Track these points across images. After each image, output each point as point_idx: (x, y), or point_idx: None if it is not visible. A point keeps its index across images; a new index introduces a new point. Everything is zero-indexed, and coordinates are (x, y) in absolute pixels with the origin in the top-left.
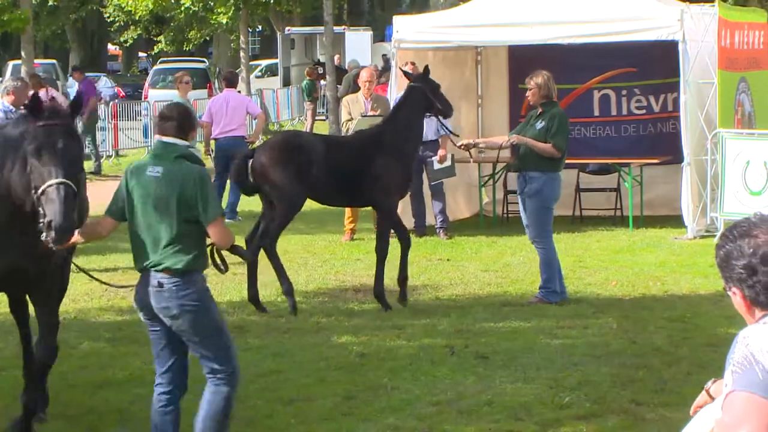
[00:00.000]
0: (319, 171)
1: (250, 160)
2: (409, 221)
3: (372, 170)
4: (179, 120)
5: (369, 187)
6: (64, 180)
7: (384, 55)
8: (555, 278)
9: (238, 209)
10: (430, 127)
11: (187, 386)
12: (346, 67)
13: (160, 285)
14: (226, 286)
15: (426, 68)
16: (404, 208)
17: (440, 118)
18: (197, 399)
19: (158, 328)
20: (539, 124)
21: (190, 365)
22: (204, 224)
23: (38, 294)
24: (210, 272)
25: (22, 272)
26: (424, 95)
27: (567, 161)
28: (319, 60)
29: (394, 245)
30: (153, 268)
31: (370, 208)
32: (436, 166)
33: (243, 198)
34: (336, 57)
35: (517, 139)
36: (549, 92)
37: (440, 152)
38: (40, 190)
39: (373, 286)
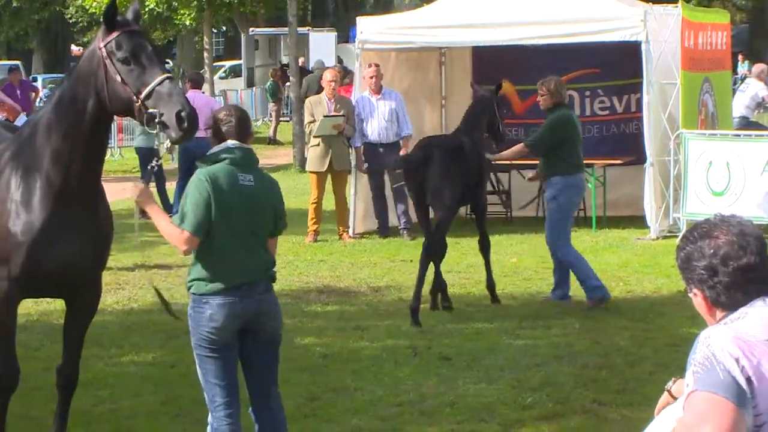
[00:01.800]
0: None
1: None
2: (372, 222)
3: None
4: (248, 124)
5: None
6: (169, 75)
7: (338, 57)
8: (589, 277)
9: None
10: (391, 129)
11: None
12: (311, 68)
13: (268, 290)
14: None
15: (499, 85)
16: (367, 210)
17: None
18: None
19: (232, 352)
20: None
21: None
22: (272, 235)
23: (84, 297)
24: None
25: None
26: (492, 107)
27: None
28: (281, 62)
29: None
30: (259, 280)
31: (333, 208)
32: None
33: None
34: (300, 58)
35: (492, 158)
36: (560, 98)
37: (402, 154)
38: (146, 91)
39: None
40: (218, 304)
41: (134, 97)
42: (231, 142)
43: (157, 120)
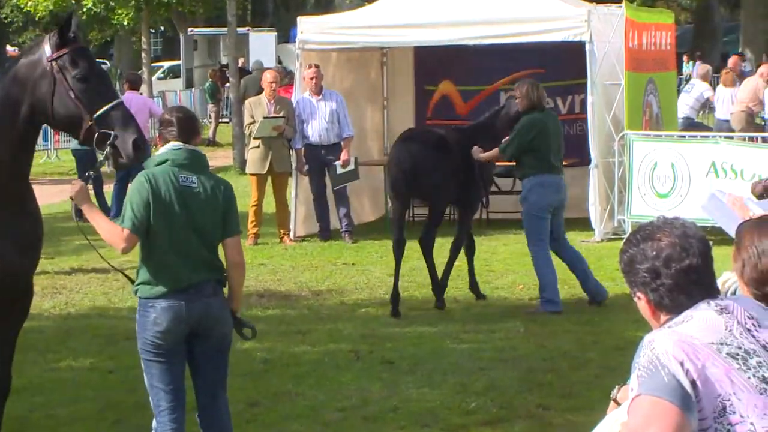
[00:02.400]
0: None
1: None
2: (313, 225)
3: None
4: (194, 124)
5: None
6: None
7: (278, 57)
8: (549, 287)
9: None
10: (332, 131)
11: None
12: (250, 69)
13: (215, 293)
14: (127, 291)
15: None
16: (308, 212)
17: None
18: None
19: (179, 356)
20: None
21: None
22: (225, 237)
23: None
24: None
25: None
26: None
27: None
28: (220, 63)
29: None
30: (205, 282)
31: (273, 211)
32: (339, 170)
33: None
34: (240, 59)
35: (475, 152)
36: (532, 101)
37: (343, 156)
38: (101, 112)
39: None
40: (163, 308)
41: (86, 116)
42: (175, 144)
43: (109, 141)
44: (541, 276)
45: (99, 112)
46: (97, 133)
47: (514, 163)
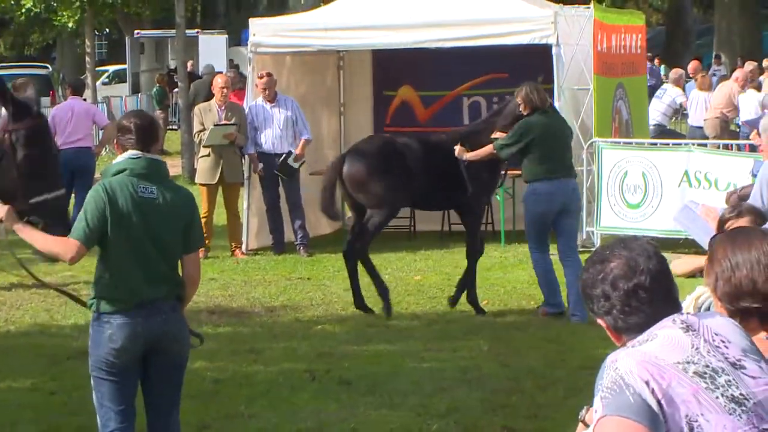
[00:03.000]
0: (418, 176)
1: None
2: (266, 238)
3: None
4: (153, 131)
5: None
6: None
7: (231, 60)
8: (552, 293)
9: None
10: (285, 138)
11: None
12: (200, 73)
13: (174, 310)
14: (71, 308)
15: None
16: (261, 224)
17: None
18: None
19: (133, 376)
20: None
21: None
22: (186, 251)
23: None
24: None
25: None
26: (517, 108)
27: None
28: (168, 67)
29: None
30: (164, 299)
31: (224, 223)
32: (292, 162)
33: None
34: (189, 62)
35: (459, 152)
36: (533, 103)
37: (298, 149)
38: (37, 200)
39: (352, 300)
40: (119, 324)
41: (21, 197)
42: (133, 152)
43: (36, 224)
44: (543, 285)
45: (34, 200)
46: (26, 216)
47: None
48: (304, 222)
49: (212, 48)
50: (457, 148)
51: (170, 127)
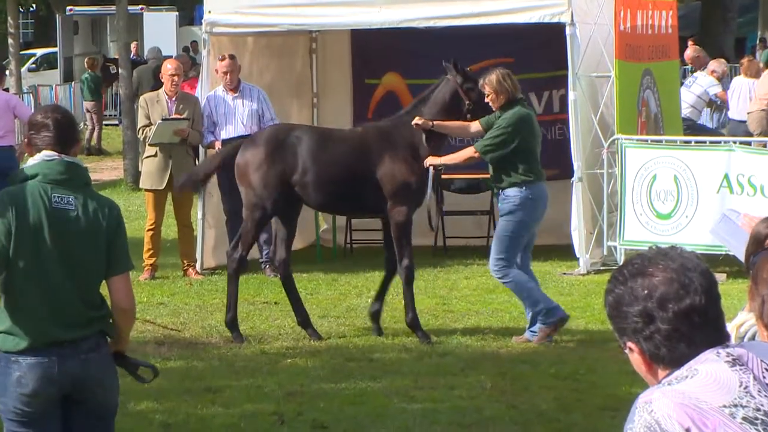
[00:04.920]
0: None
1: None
2: (225, 254)
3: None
4: (73, 129)
5: (374, 194)
6: None
7: (193, 42)
8: (541, 299)
9: None
10: (250, 133)
11: None
12: (145, 58)
13: (97, 347)
14: None
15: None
16: (219, 238)
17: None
18: None
19: (51, 424)
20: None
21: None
22: (110, 275)
23: None
24: None
25: None
26: (455, 91)
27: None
28: (105, 54)
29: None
30: (82, 338)
31: (175, 237)
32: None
33: None
34: (132, 44)
35: (430, 161)
36: (509, 93)
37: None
38: None
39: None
40: (29, 365)
41: None
42: (48, 154)
43: None
44: (526, 294)
45: None
46: None
47: (488, 175)
48: (271, 235)
49: (160, 28)
50: (429, 159)
51: (107, 122)
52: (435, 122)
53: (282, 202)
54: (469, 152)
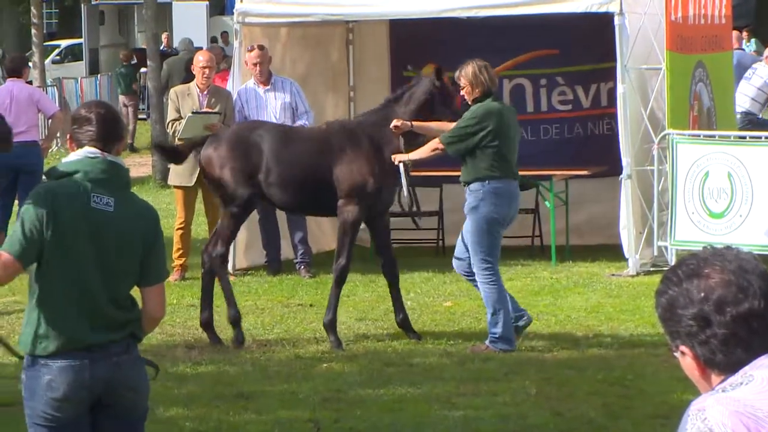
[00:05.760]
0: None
1: None
2: (258, 255)
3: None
4: (118, 125)
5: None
6: None
7: (224, 33)
8: (502, 321)
9: None
10: None
11: None
12: (176, 50)
13: (128, 350)
14: (15, 339)
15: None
16: (252, 238)
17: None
18: None
19: (80, 430)
20: None
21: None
22: (145, 284)
23: None
24: None
25: None
26: (428, 90)
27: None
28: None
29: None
30: (114, 341)
31: (205, 236)
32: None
33: None
34: (163, 35)
35: (398, 158)
36: (485, 85)
37: None
38: None
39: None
40: (59, 368)
41: None
42: (90, 150)
43: None
44: (491, 304)
45: None
46: None
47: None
48: (306, 235)
49: (189, 18)
50: (396, 156)
51: (141, 116)
52: (415, 123)
53: (248, 203)
54: (434, 144)
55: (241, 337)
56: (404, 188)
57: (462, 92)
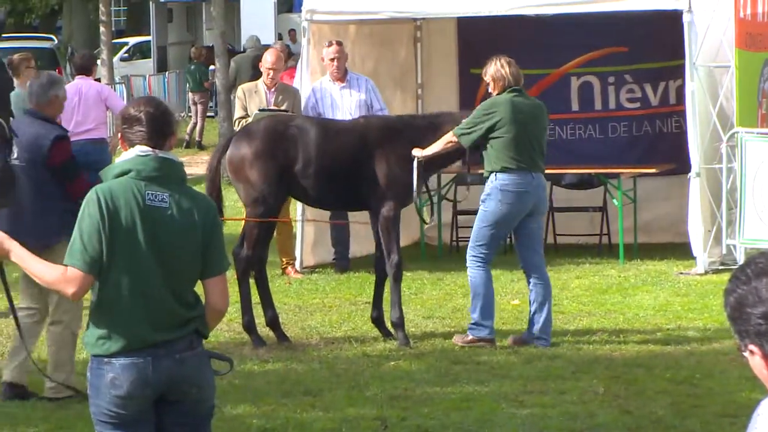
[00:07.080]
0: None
1: None
2: (326, 252)
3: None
4: (168, 122)
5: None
6: None
7: (292, 31)
8: (484, 308)
9: None
10: None
11: None
12: (243, 47)
13: (192, 347)
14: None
15: None
16: (319, 235)
17: None
18: None
19: (145, 428)
20: None
21: None
22: (206, 276)
23: None
24: None
25: None
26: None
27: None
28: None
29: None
30: (178, 338)
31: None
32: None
33: None
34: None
35: (417, 153)
36: (505, 80)
37: None
38: None
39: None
40: (123, 366)
41: None
42: (142, 149)
43: None
44: (478, 299)
45: None
46: None
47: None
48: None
49: (257, 15)
50: (414, 150)
51: (209, 114)
52: (425, 154)
53: (277, 200)
54: (448, 137)
55: (258, 342)
56: (414, 184)
57: (489, 88)
